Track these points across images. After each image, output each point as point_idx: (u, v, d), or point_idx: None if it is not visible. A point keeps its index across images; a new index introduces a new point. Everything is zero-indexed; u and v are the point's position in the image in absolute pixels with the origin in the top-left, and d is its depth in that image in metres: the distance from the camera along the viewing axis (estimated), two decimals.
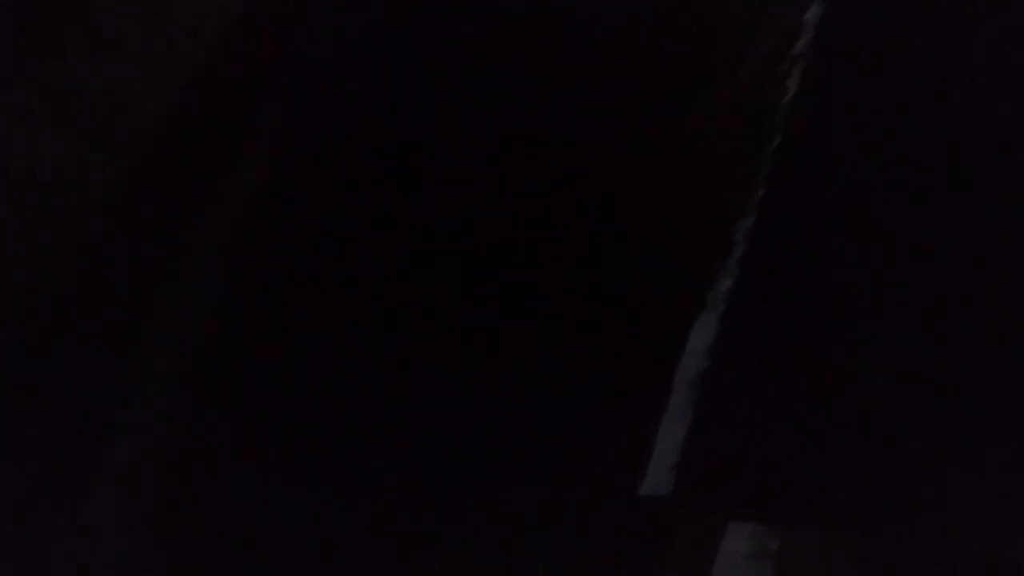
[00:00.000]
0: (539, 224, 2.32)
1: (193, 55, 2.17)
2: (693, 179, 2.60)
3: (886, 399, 2.40)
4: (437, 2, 2.47)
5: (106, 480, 1.87)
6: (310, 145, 2.26)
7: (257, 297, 2.09)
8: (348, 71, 2.37)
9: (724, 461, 2.33)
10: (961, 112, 2.57)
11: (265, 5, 2.30)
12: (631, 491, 2.08)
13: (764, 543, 2.25)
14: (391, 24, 2.42)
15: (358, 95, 2.33)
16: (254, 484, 1.90)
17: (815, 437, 2.34)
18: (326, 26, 2.34)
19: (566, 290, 2.23)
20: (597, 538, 1.95)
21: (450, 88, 2.38)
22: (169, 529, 1.82)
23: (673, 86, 2.63)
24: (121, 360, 1.97)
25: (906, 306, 2.50)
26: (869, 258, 2.57)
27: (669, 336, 2.35)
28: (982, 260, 2.37)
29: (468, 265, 2.18)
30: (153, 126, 2.10)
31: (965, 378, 2.23)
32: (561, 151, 2.45)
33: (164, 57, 2.11)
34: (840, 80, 2.74)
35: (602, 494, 1.97)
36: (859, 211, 2.64)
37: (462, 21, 2.47)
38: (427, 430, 1.98)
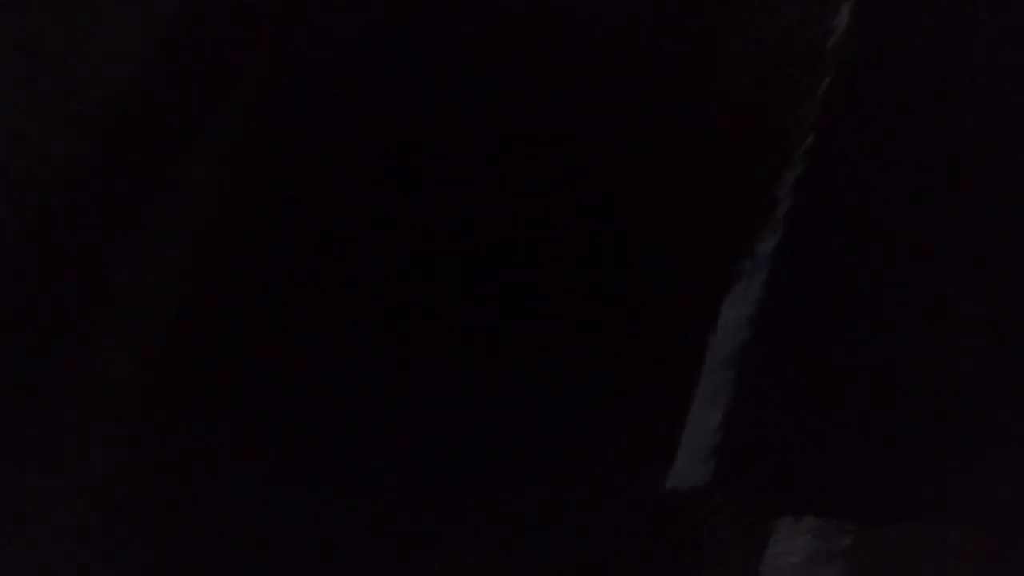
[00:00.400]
0: (548, 199, 2.19)
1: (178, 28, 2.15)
2: (726, 128, 2.34)
3: (974, 365, 2.05)
4: (437, 2, 2.44)
5: (105, 480, 1.95)
6: (309, 144, 2.28)
7: (257, 297, 2.12)
8: (348, 70, 2.37)
9: (774, 443, 2.07)
10: None
11: None
12: (654, 486, 1.88)
13: (831, 540, 1.94)
14: (391, 24, 2.41)
15: (358, 93, 2.33)
16: (254, 484, 1.92)
17: (887, 410, 2.04)
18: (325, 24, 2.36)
19: (575, 273, 2.09)
20: (613, 540, 1.79)
21: (454, 86, 2.33)
22: (169, 529, 1.88)
23: (709, 27, 2.39)
24: (117, 358, 2.04)
25: (984, 262, 2.14)
26: (938, 209, 2.24)
27: (696, 312, 2.12)
28: None
29: (470, 258, 2.11)
30: (130, 101, 2.08)
31: None
32: (580, 106, 2.30)
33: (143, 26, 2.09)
34: (894, 12, 2.44)
35: (618, 491, 1.80)
36: (923, 154, 2.31)
37: (462, 21, 2.41)
38: (427, 429, 1.93)
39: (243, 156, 2.23)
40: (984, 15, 2.19)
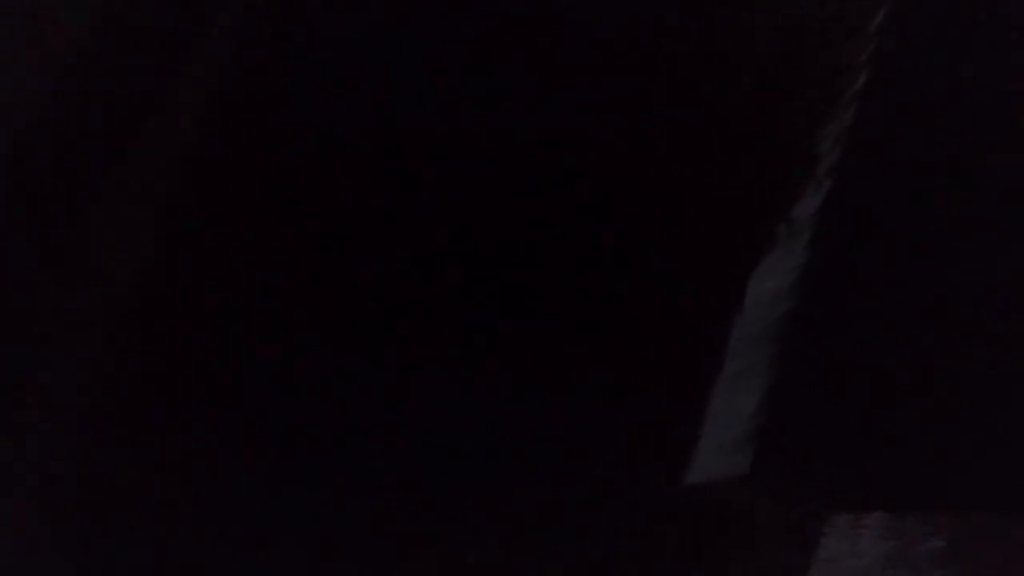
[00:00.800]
0: (558, 185, 2.05)
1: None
2: (754, 65, 2.10)
3: None
4: (437, 2, 2.38)
5: (104, 479, 1.96)
6: (309, 144, 2.26)
7: (257, 297, 2.11)
8: (348, 71, 2.35)
9: (822, 427, 1.80)
10: None
11: None
12: (669, 483, 1.67)
13: (912, 542, 1.63)
14: (391, 24, 2.37)
15: (358, 94, 2.29)
16: (253, 484, 1.88)
17: (962, 384, 1.72)
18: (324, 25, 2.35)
19: (574, 264, 1.92)
20: (617, 540, 1.59)
21: (458, 86, 2.24)
22: (169, 529, 1.86)
23: None
24: (118, 359, 2.07)
25: None
26: (1009, 157, 1.91)
27: (718, 289, 1.89)
28: None
29: (468, 255, 2.00)
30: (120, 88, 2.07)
31: None
32: (599, 82, 2.14)
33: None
34: None
35: (623, 489, 1.60)
36: (988, 96, 1.99)
37: (463, 20, 2.33)
38: (427, 429, 1.82)
39: (242, 154, 2.25)
40: None
